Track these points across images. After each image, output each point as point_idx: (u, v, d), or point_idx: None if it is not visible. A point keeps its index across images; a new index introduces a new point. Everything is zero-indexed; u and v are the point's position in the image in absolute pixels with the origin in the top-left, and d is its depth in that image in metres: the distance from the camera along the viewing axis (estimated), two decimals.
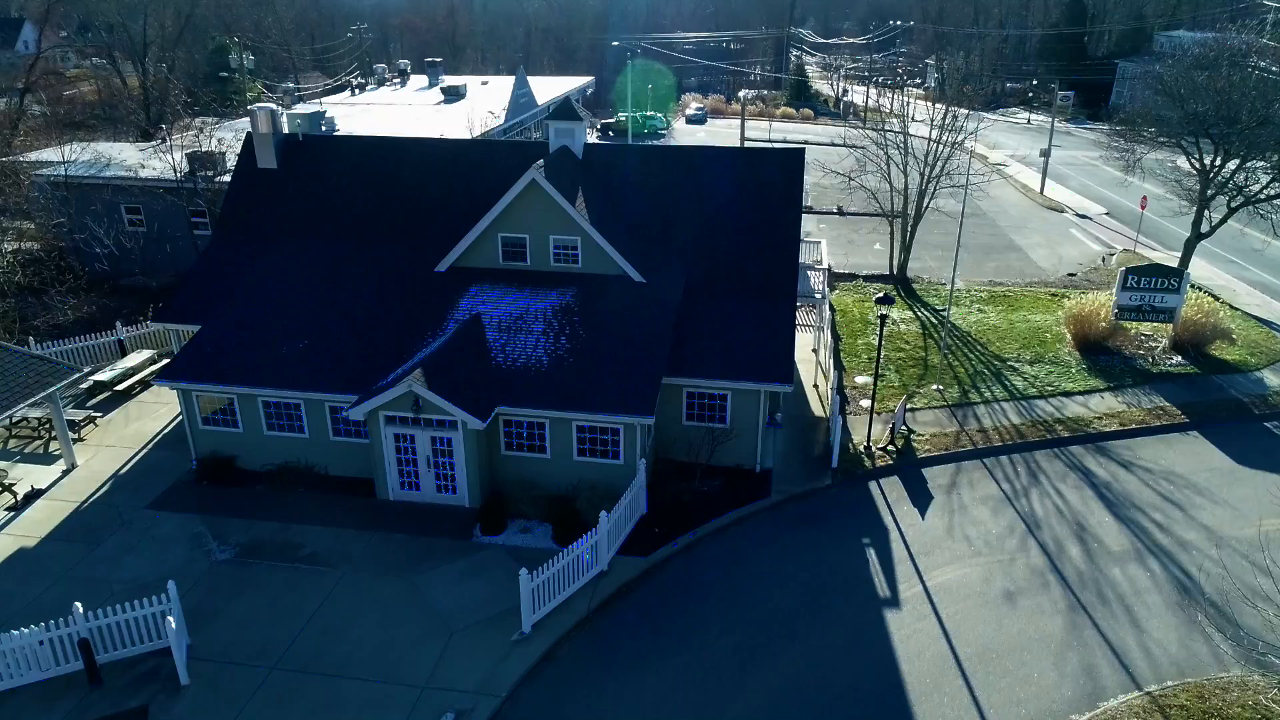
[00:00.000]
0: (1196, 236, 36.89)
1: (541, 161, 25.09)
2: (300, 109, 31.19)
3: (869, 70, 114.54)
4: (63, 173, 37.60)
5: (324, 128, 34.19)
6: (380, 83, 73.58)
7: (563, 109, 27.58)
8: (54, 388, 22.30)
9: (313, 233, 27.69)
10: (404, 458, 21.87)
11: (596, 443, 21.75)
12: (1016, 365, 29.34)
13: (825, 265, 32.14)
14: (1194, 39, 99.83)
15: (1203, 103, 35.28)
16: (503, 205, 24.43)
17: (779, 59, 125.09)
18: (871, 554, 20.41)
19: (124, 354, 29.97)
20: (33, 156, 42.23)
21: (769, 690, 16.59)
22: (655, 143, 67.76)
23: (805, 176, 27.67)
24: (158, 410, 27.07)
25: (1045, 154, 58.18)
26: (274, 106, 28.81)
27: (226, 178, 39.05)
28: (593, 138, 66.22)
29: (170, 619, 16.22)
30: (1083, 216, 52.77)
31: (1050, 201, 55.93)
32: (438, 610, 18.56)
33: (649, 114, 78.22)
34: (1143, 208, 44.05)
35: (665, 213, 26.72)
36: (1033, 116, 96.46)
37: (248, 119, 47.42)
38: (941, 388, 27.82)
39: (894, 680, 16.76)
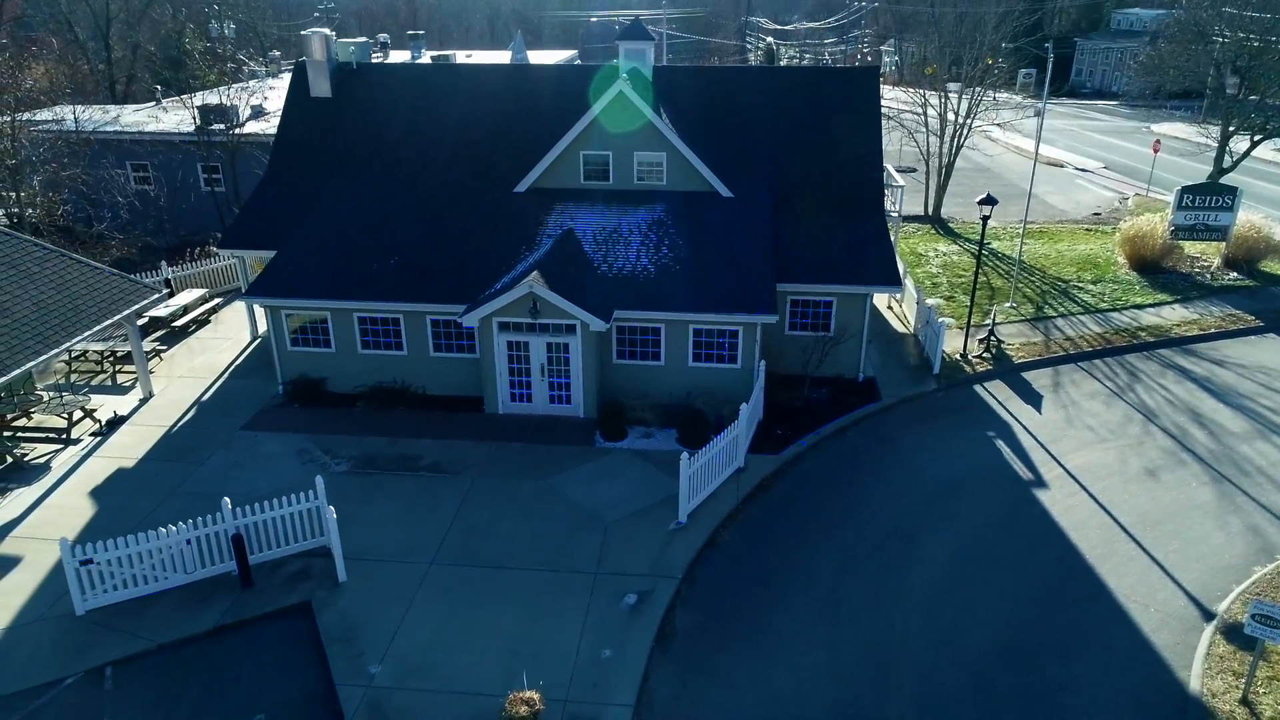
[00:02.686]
0: (1219, 172, 37.90)
1: (625, 75, 24.59)
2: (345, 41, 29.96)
3: (829, 56, 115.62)
4: (73, 127, 35.76)
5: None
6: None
7: (633, 29, 27.05)
8: (140, 304, 21.11)
9: (374, 159, 26.73)
10: (516, 368, 21.21)
11: (713, 347, 21.34)
12: (1080, 285, 29.73)
13: (900, 184, 32.14)
14: (1152, 16, 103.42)
15: (1230, 34, 36.21)
16: (587, 120, 23.86)
17: (740, 47, 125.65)
18: (999, 444, 20.39)
19: (173, 293, 28.60)
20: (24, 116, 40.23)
21: (942, 562, 16.42)
22: None
23: None
24: (220, 345, 25.89)
25: (1040, 113, 59.21)
26: (328, 32, 27.76)
27: (249, 128, 37.90)
28: None
29: (331, 509, 15.36)
30: (1082, 170, 53.98)
31: (1046, 159, 57.03)
32: (582, 506, 17.99)
33: None
34: (1155, 151, 45.12)
35: (740, 132, 26.41)
36: (998, 94, 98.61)
37: (252, 79, 45.98)
38: (1015, 304, 28.03)
39: (1066, 546, 16.72)
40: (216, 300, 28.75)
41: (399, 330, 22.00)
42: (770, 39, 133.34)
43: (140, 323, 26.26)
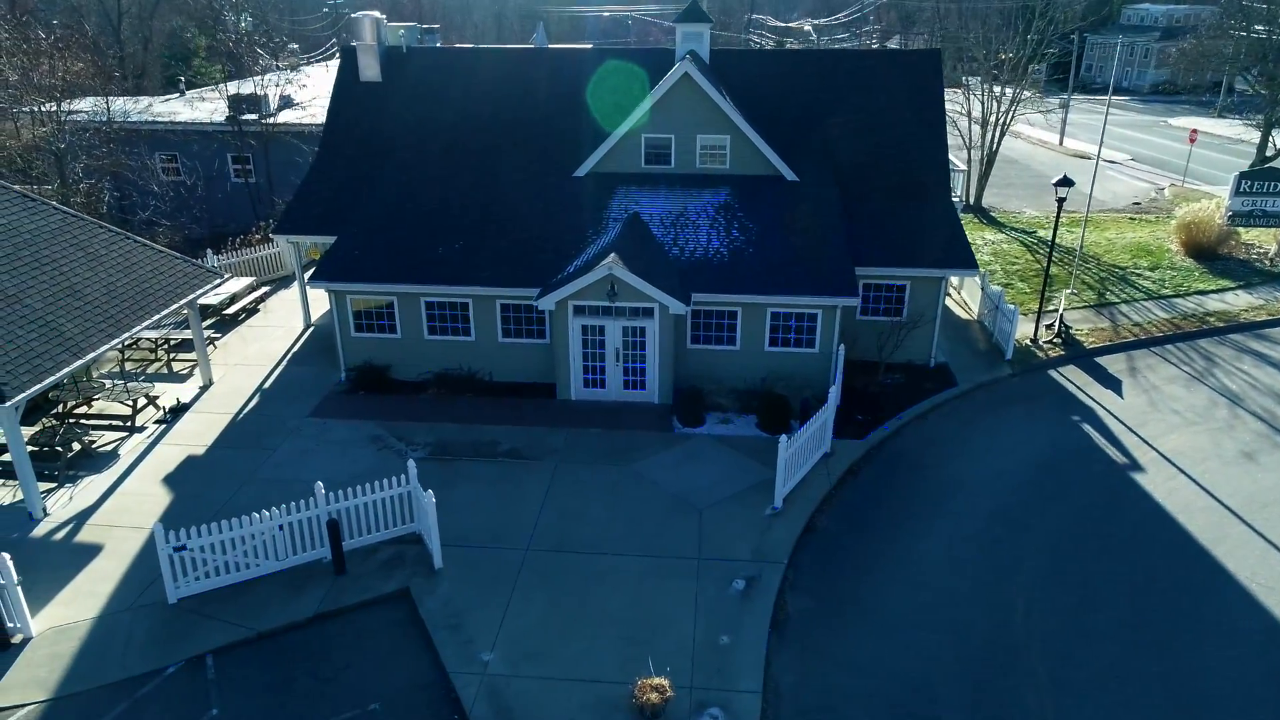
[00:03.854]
0: (1261, 162, 37.61)
1: (688, 56, 24.14)
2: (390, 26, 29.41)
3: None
4: (107, 117, 35.15)
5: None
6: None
7: (691, 10, 26.56)
8: (205, 288, 20.62)
9: (428, 143, 26.18)
10: (590, 353, 20.74)
11: (790, 331, 20.91)
12: (1137, 272, 29.38)
13: (961, 168, 31.75)
14: (1162, 11, 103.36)
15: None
16: (650, 102, 23.38)
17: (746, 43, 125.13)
18: (1086, 429, 19.99)
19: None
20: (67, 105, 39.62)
21: (1050, 546, 16.01)
22: None
23: None
24: (274, 333, 25.39)
25: (1065, 106, 59.09)
26: (378, 15, 27.26)
27: (281, 118, 37.40)
28: None
29: (430, 494, 14.87)
30: (1110, 162, 53.63)
31: (1072, 151, 56.77)
32: (671, 492, 17.54)
33: None
34: (1192, 141, 44.82)
35: (800, 114, 25.96)
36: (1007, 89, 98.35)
37: (284, 67, 45.37)
38: (1075, 291, 27.66)
39: (1176, 530, 16.33)
40: (264, 289, 28.23)
41: (467, 315, 21.53)
42: (773, 37, 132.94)
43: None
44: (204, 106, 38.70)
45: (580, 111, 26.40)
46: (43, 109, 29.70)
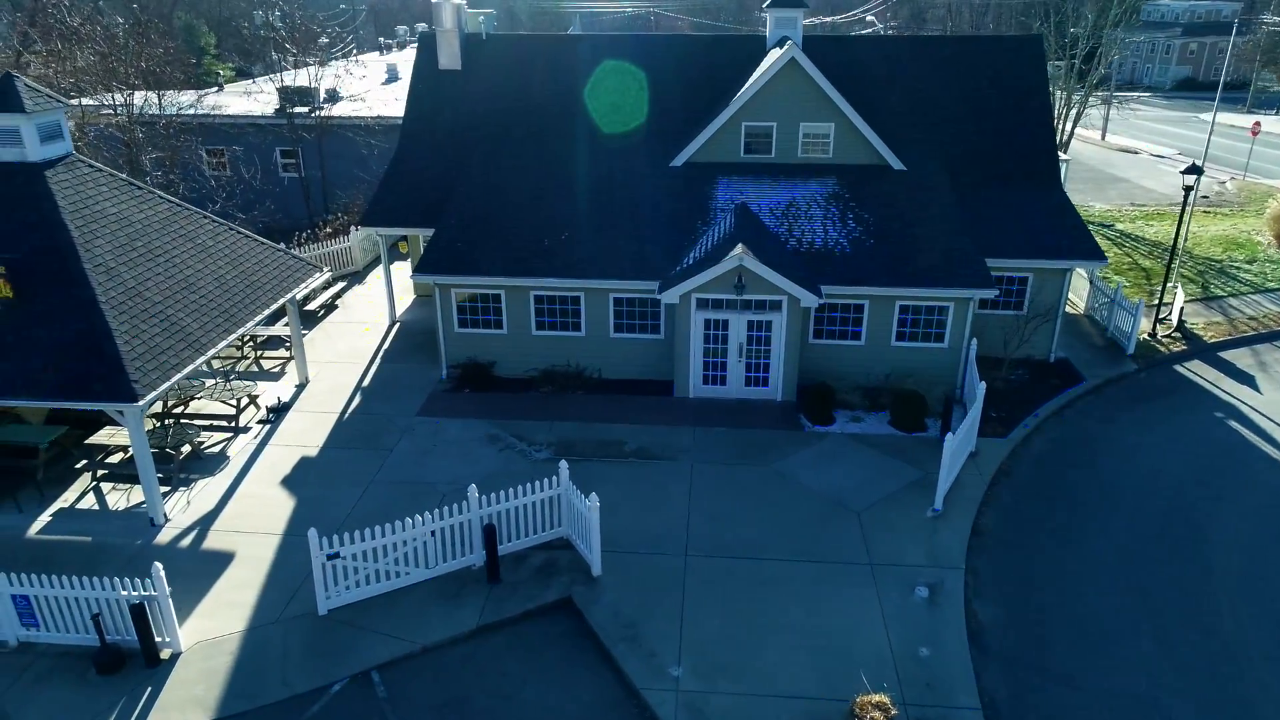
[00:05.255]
0: None
1: (792, 41, 23.27)
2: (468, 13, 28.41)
3: None
4: (173, 109, 34.04)
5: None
6: (402, 46, 70.35)
7: None
8: (309, 281, 19.69)
9: (512, 132, 25.29)
10: (711, 348, 19.85)
11: (919, 325, 20.05)
12: (1235, 266, 28.61)
13: (1065, 158, 30.93)
14: (1184, 8, 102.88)
15: None
16: (753, 90, 22.50)
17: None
18: (1233, 425, 19.18)
19: None
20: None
21: (1238, 544, 15.20)
22: None
23: None
24: (355, 330, 24.43)
25: (1108, 101, 58.35)
26: (459, 0, 26.31)
27: (335, 110, 36.41)
28: None
29: (595, 498, 13.95)
30: (1158, 156, 52.95)
31: (1118, 145, 56.05)
32: (820, 493, 16.65)
33: None
34: (1254, 133, 44.08)
35: (900, 102, 25.08)
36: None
37: (314, 62, 44.29)
38: (1176, 284, 26.84)
39: None
40: (340, 284, 27.26)
41: (578, 310, 20.62)
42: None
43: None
44: (252, 100, 37.65)
45: (667, 99, 25.54)
46: (119, 97, 28.72)
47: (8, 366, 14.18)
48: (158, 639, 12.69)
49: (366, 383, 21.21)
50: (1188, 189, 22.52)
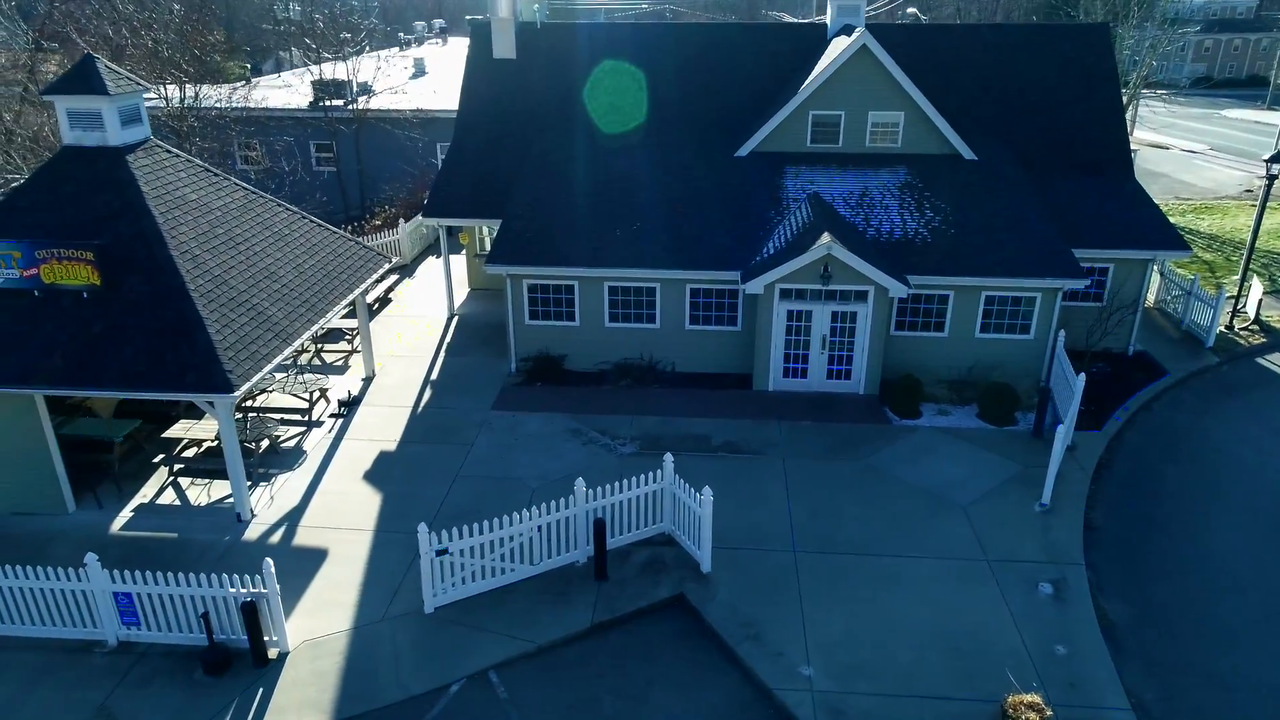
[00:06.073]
0: None
1: (863, 29, 22.80)
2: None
3: None
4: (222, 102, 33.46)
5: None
6: (420, 42, 69.78)
7: None
8: (381, 271, 19.20)
9: (572, 121, 24.81)
10: (793, 340, 19.38)
11: (1004, 315, 19.58)
12: None
13: (1134, 148, 30.36)
14: (1200, 5, 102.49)
15: None
16: (822, 78, 22.01)
17: None
18: None
19: None
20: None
21: None
22: None
23: None
24: (412, 324, 23.93)
25: (1134, 98, 57.86)
26: None
27: (374, 103, 35.91)
28: None
29: (708, 491, 13.46)
30: (1190, 151, 52.56)
31: (1146, 141, 55.60)
32: (920, 488, 16.18)
33: None
34: None
35: (967, 91, 24.66)
36: None
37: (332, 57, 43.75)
38: (1253, 277, 26.39)
39: None
40: (394, 277, 26.76)
41: (653, 301, 20.14)
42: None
43: None
44: (289, 93, 37.17)
45: (725, 89, 25.10)
46: (172, 88, 28.26)
47: (100, 357, 13.68)
48: (265, 638, 12.21)
49: (434, 376, 20.72)
50: (1272, 178, 22.05)
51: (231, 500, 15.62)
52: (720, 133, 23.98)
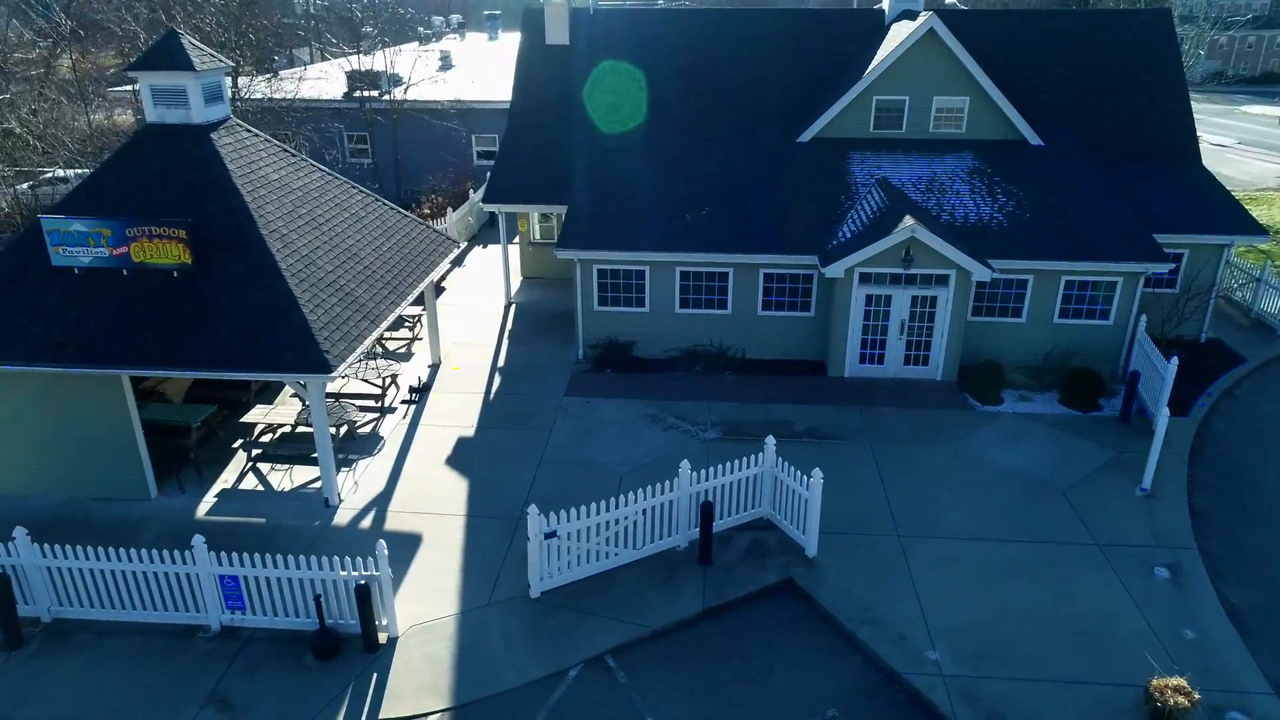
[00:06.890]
0: None
1: (931, 13, 22.50)
2: None
3: None
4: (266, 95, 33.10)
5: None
6: (439, 37, 69.48)
7: None
8: (453, 255, 18.90)
9: (624, 108, 24.50)
10: (870, 325, 19.08)
11: (1084, 300, 19.29)
12: None
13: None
14: (1213, 1, 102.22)
15: None
16: (887, 63, 21.69)
17: None
18: None
19: None
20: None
21: None
22: None
23: None
24: (473, 310, 23.63)
25: None
26: None
27: (411, 94, 35.61)
28: None
29: (818, 473, 13.16)
30: (1220, 145, 52.29)
31: None
32: (1016, 473, 15.88)
33: None
34: None
35: (1030, 76, 24.32)
36: None
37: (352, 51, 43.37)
38: None
39: None
40: (444, 264, 26.39)
41: (725, 286, 19.84)
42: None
43: None
44: (320, 84, 36.86)
45: (782, 74, 24.74)
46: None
47: (194, 336, 13.37)
48: (376, 622, 11.90)
49: (501, 363, 20.41)
50: None
51: (315, 485, 15.32)
52: (779, 118, 23.63)
